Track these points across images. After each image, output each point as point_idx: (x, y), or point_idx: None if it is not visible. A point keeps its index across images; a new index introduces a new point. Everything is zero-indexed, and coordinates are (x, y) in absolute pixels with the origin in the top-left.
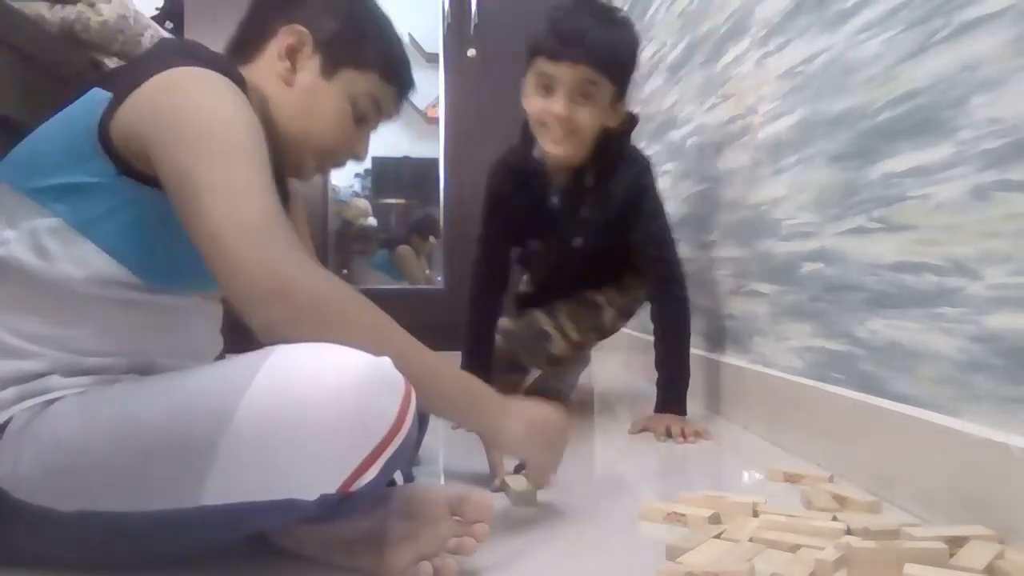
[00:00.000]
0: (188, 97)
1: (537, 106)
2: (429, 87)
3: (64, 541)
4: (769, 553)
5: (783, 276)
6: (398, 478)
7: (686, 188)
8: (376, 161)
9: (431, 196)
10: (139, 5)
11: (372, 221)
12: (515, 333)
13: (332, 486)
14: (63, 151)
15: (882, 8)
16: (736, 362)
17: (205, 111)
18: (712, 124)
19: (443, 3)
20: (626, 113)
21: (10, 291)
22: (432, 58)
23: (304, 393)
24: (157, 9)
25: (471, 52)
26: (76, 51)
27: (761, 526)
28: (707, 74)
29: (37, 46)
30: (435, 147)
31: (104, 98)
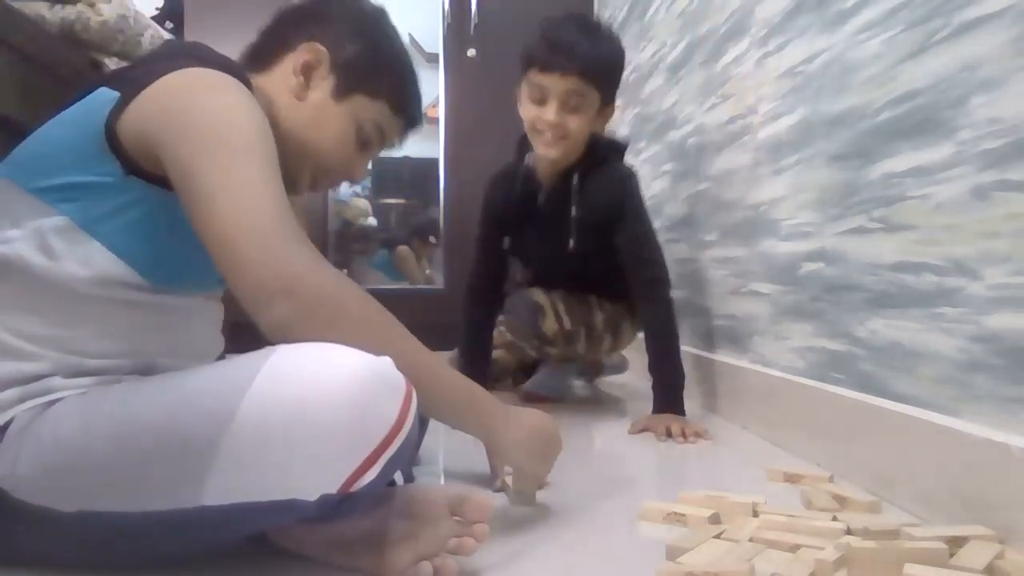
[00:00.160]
0: (197, 97)
1: (531, 113)
2: (429, 87)
3: (64, 541)
4: (769, 553)
5: (783, 276)
6: (398, 478)
7: (686, 188)
8: (376, 161)
9: (431, 196)
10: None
11: (372, 221)
12: (508, 306)
13: (333, 486)
14: (70, 150)
15: (882, 8)
16: (736, 362)
17: (214, 111)
18: (712, 124)
19: (443, 3)
20: (612, 113)
21: (12, 291)
22: (432, 58)
23: (305, 393)
24: (157, 9)
25: (471, 52)
26: (76, 51)
27: (761, 526)
28: (707, 74)
29: (37, 46)
30: (435, 147)
31: (111, 97)
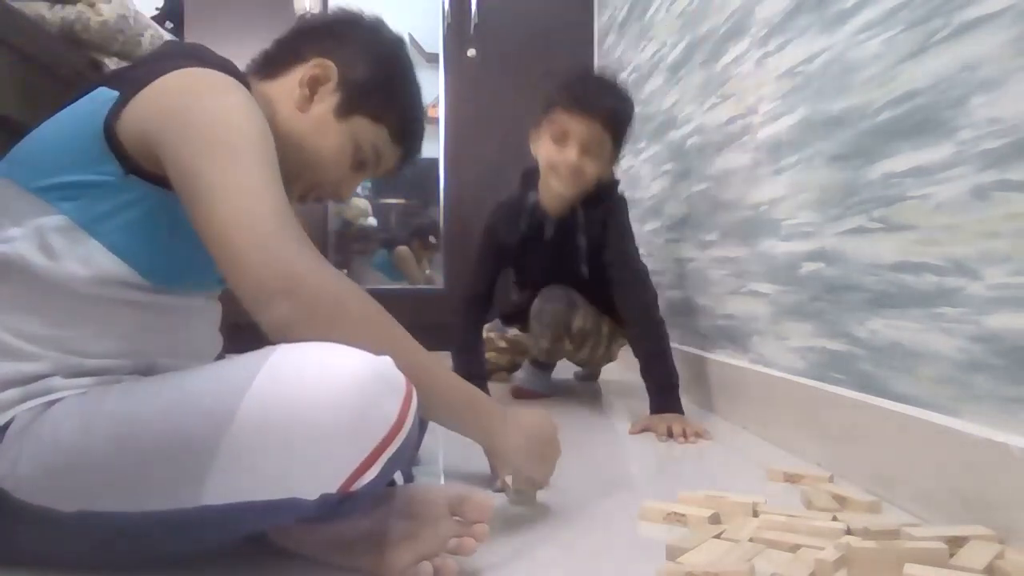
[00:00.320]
0: (198, 97)
1: (551, 152)
2: (429, 87)
3: (65, 541)
4: (769, 553)
5: (783, 276)
6: (398, 478)
7: (686, 188)
8: None
9: (431, 196)
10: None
11: (372, 221)
12: (545, 296)
13: (332, 485)
14: (70, 149)
15: (882, 8)
16: (736, 362)
17: (215, 111)
18: (712, 124)
19: (443, 3)
20: (614, 168)
21: (12, 291)
22: (432, 58)
23: (305, 393)
24: (157, 9)
25: (471, 52)
26: (76, 51)
27: (761, 526)
28: (707, 74)
29: (37, 46)
30: (435, 147)
31: (111, 97)
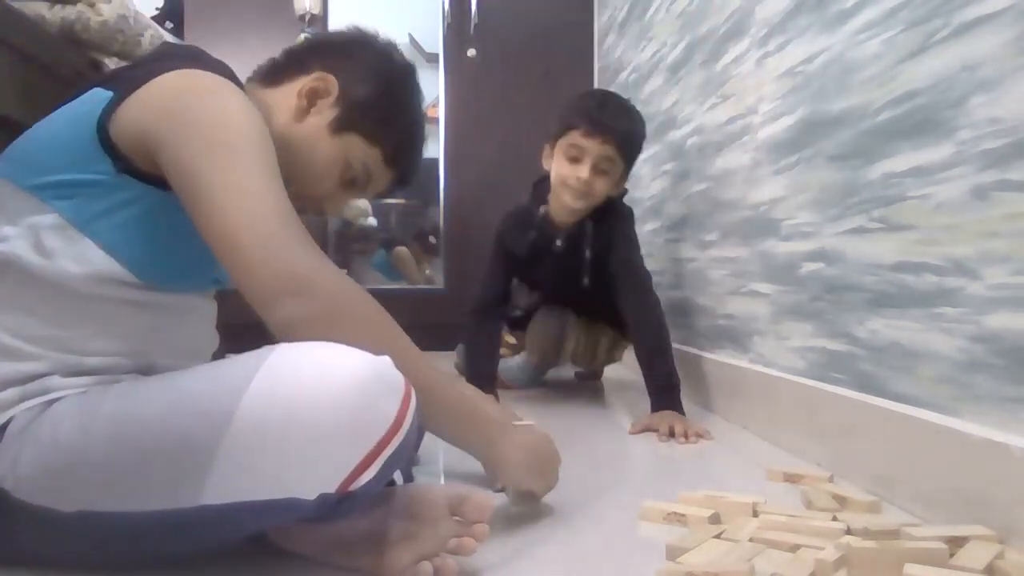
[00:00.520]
0: (199, 98)
1: (564, 170)
2: (429, 87)
3: (64, 541)
4: (769, 553)
5: (783, 276)
6: (398, 478)
7: (686, 188)
8: None
9: (431, 196)
10: (139, 5)
11: (372, 221)
12: (539, 318)
13: (331, 485)
14: (64, 148)
15: (882, 8)
16: (736, 362)
17: (215, 112)
18: (712, 124)
19: (443, 3)
20: (625, 186)
21: (10, 290)
22: (432, 58)
23: (303, 392)
24: (157, 9)
25: (471, 52)
26: (76, 51)
27: (761, 526)
28: (707, 74)
29: (37, 46)
30: (435, 147)
31: (105, 97)
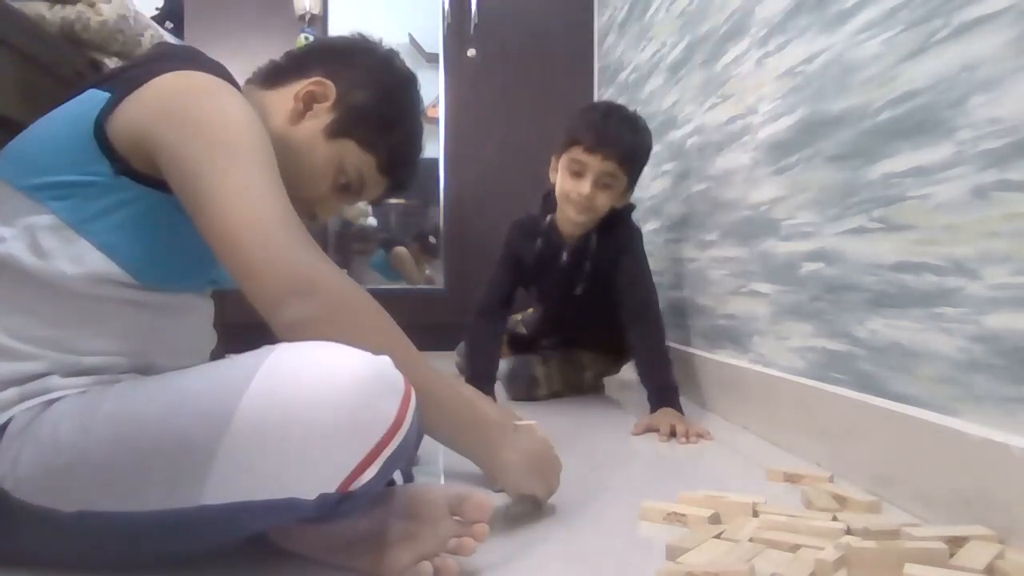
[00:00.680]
0: (197, 99)
1: (567, 184)
2: (429, 87)
3: (64, 541)
4: (769, 553)
5: (783, 276)
6: (398, 478)
7: (686, 188)
8: None
9: (431, 196)
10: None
11: (372, 221)
12: (509, 368)
13: (331, 485)
14: (61, 149)
15: (882, 8)
16: (736, 362)
17: (215, 113)
18: (712, 124)
19: (443, 3)
20: (630, 198)
21: (7, 291)
22: (432, 58)
23: (303, 392)
24: (157, 9)
25: (471, 52)
26: (76, 51)
27: (761, 526)
28: (707, 74)
29: (37, 46)
30: (435, 147)
31: (102, 98)
